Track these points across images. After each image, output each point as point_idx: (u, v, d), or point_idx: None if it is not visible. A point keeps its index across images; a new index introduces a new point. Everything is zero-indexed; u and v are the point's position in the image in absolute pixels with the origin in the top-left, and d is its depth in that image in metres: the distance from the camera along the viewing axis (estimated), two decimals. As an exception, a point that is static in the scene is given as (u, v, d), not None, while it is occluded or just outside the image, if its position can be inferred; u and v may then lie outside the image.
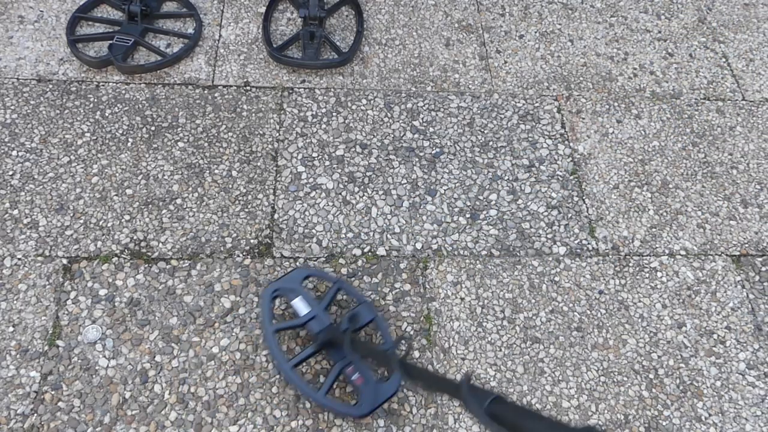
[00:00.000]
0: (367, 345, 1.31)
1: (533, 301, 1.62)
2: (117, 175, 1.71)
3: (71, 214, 1.63)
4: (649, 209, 1.82)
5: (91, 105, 1.83)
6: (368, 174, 1.79)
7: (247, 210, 1.69)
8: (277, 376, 1.45)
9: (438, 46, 2.11)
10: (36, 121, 1.78)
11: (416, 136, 1.88)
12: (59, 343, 1.45)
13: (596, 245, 1.74)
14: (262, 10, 2.12)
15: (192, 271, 1.58)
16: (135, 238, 1.61)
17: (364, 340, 1.48)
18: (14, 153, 1.72)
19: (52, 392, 1.39)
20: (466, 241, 1.70)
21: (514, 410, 0.77)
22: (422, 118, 1.92)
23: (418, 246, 1.68)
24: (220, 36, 2.04)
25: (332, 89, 1.95)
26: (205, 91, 1.90)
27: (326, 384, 1.38)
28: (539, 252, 1.71)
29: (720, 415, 1.50)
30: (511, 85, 2.04)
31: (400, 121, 1.91)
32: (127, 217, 1.64)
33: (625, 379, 1.53)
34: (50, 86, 1.85)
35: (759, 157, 1.97)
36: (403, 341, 1.32)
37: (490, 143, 1.89)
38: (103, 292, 1.52)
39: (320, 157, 1.81)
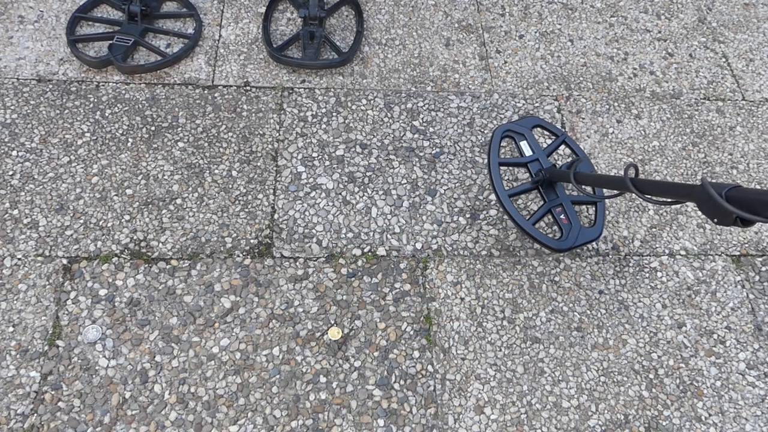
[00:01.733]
0: (595, 175, 1.41)
1: (533, 301, 1.62)
2: (117, 175, 1.71)
3: (71, 214, 1.63)
4: (649, 209, 1.82)
5: (91, 105, 1.83)
6: (368, 174, 1.79)
7: (247, 210, 1.69)
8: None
9: (438, 46, 2.11)
10: (36, 121, 1.78)
11: (416, 136, 1.88)
12: (59, 343, 1.45)
13: (596, 245, 1.73)
14: (262, 10, 2.12)
15: (192, 271, 1.58)
16: (135, 238, 1.61)
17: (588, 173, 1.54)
18: (14, 153, 1.72)
19: (52, 392, 1.39)
20: (466, 241, 1.70)
21: (752, 192, 0.82)
22: (422, 118, 1.92)
23: (418, 246, 1.68)
24: (220, 36, 2.04)
25: (332, 89, 1.95)
26: (205, 91, 1.90)
27: (536, 216, 1.55)
28: (539, 252, 1.71)
29: (720, 415, 1.50)
30: (511, 85, 2.04)
31: (400, 121, 1.91)
32: (127, 217, 1.64)
33: (625, 379, 1.53)
34: (50, 86, 1.85)
35: (759, 157, 1.96)
36: (631, 167, 1.37)
37: (490, 143, 1.89)
38: (103, 292, 1.52)
39: (320, 157, 1.81)
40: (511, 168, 1.73)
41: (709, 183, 0.89)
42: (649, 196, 1.07)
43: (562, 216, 1.55)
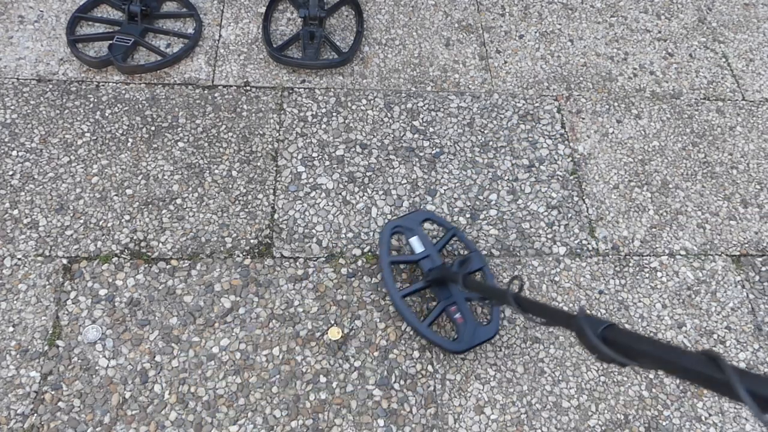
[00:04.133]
0: (481, 282, 1.37)
1: (533, 301, 1.62)
2: (117, 175, 1.71)
3: (71, 214, 1.63)
4: (649, 209, 1.82)
5: (91, 105, 1.83)
6: (368, 174, 1.79)
7: (247, 210, 1.69)
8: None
9: (438, 46, 2.11)
10: (36, 121, 1.78)
11: (416, 136, 1.88)
12: (59, 343, 1.45)
13: (596, 245, 1.74)
14: (262, 10, 2.12)
15: (192, 271, 1.58)
16: (135, 238, 1.61)
17: (477, 280, 1.51)
18: (14, 153, 1.72)
19: (52, 392, 1.39)
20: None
21: (628, 335, 0.78)
22: (422, 118, 1.92)
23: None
24: (220, 36, 2.04)
25: (332, 89, 1.95)
26: (205, 91, 1.90)
27: (430, 317, 1.49)
28: (539, 252, 1.71)
29: (720, 415, 1.50)
30: (511, 85, 2.04)
31: (400, 121, 1.91)
32: (127, 217, 1.64)
33: (625, 379, 1.53)
34: (50, 86, 1.85)
35: (759, 157, 1.96)
36: (515, 280, 1.35)
37: (490, 143, 1.89)
38: (103, 292, 1.52)
39: (320, 157, 1.81)
40: (403, 266, 1.62)
41: (585, 318, 0.83)
42: (529, 315, 0.99)
43: (456, 315, 1.48)
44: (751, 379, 0.59)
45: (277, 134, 1.84)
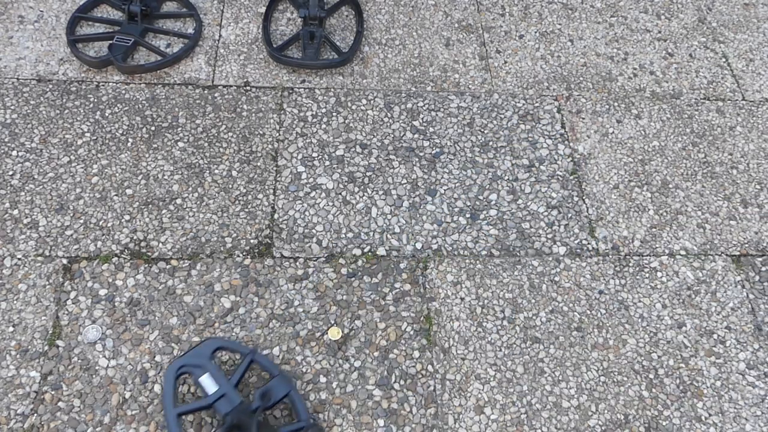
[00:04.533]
0: (274, 430, 1.26)
1: (533, 301, 1.62)
2: (117, 175, 1.71)
3: (71, 214, 1.63)
4: (649, 209, 1.82)
5: (91, 105, 1.83)
6: (368, 174, 1.79)
7: (247, 210, 1.69)
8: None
9: (438, 46, 2.11)
10: (36, 121, 1.78)
11: (416, 136, 1.89)
12: (59, 343, 1.45)
13: (596, 245, 1.74)
14: (262, 10, 2.12)
15: (192, 271, 1.58)
16: (135, 238, 1.61)
17: (272, 425, 1.35)
18: (14, 153, 1.72)
19: (52, 392, 1.39)
20: (466, 241, 1.70)
21: None
22: (422, 118, 1.92)
23: (418, 246, 1.68)
24: (220, 36, 2.04)
25: (332, 89, 1.95)
26: (205, 91, 1.90)
27: None
28: (539, 252, 1.71)
29: (720, 415, 1.50)
30: (511, 85, 2.04)
31: (400, 121, 1.91)
32: (127, 217, 1.64)
33: (625, 379, 1.53)
34: (50, 86, 1.85)
35: (759, 157, 1.97)
36: (311, 430, 1.28)
37: (490, 143, 1.89)
38: (103, 292, 1.52)
39: (320, 157, 1.81)
40: (195, 414, 1.38)
41: None
42: None
43: None
44: None
45: (277, 134, 1.84)
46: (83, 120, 1.80)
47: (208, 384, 1.33)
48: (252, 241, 1.64)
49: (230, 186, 1.73)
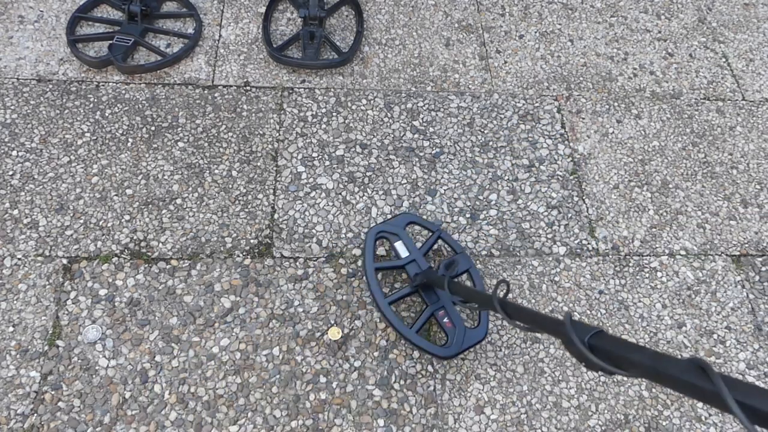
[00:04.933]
0: (466, 287, 1.33)
1: (533, 301, 1.62)
2: (117, 175, 1.71)
3: (71, 214, 1.63)
4: (649, 209, 1.82)
5: (91, 105, 1.83)
6: (368, 174, 1.79)
7: (247, 210, 1.69)
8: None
9: (438, 46, 2.11)
10: (36, 121, 1.78)
11: (416, 136, 1.88)
12: (59, 343, 1.45)
13: (596, 245, 1.74)
14: (262, 10, 2.12)
15: (192, 271, 1.58)
16: (135, 238, 1.61)
17: (463, 284, 1.44)
18: (14, 153, 1.72)
19: (52, 392, 1.39)
20: (466, 241, 1.70)
21: (616, 342, 0.75)
22: (422, 118, 1.92)
23: (418, 246, 1.68)
24: (220, 36, 2.04)
25: (332, 89, 1.95)
26: (205, 91, 1.90)
27: (418, 323, 1.45)
28: (539, 252, 1.71)
29: (720, 415, 1.50)
30: (511, 85, 2.04)
31: (400, 121, 1.91)
32: (127, 217, 1.64)
33: (625, 379, 1.53)
34: (50, 86, 1.85)
35: (759, 157, 1.96)
36: (502, 284, 1.31)
37: (490, 143, 1.89)
38: (103, 292, 1.52)
39: (320, 157, 1.81)
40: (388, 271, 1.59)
41: (572, 324, 0.80)
42: (515, 321, 0.97)
43: (445, 319, 1.46)
44: (740, 390, 0.58)
45: (277, 134, 1.84)
46: (83, 120, 1.80)
47: (402, 249, 1.53)
48: (252, 241, 1.64)
49: (230, 186, 1.73)
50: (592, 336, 0.77)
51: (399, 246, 1.54)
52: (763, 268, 1.74)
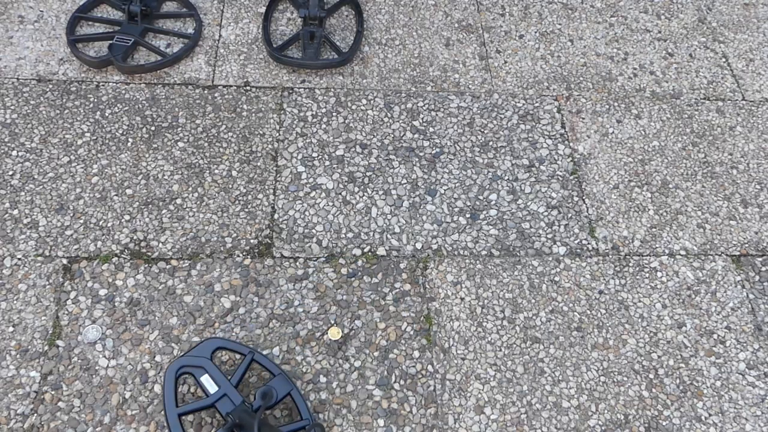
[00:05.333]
0: (274, 429, 1.26)
1: (533, 301, 1.62)
2: (117, 175, 1.71)
3: (71, 214, 1.63)
4: (649, 209, 1.82)
5: (91, 105, 1.83)
6: (368, 174, 1.79)
7: (247, 210, 1.69)
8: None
9: (438, 46, 2.11)
10: (36, 121, 1.78)
11: (416, 136, 1.89)
12: (59, 343, 1.45)
13: (596, 245, 1.74)
14: (262, 10, 2.12)
15: (192, 271, 1.58)
16: (135, 238, 1.61)
17: (274, 425, 1.33)
18: (14, 153, 1.72)
19: (52, 392, 1.39)
20: (466, 241, 1.70)
21: None
22: (422, 118, 1.92)
23: (418, 246, 1.68)
24: (220, 36, 2.04)
25: (332, 89, 1.95)
26: (205, 91, 1.90)
27: None
28: (539, 252, 1.71)
29: (720, 415, 1.50)
30: (511, 85, 2.04)
31: (400, 121, 1.91)
32: (127, 217, 1.64)
33: (625, 379, 1.53)
34: (50, 86, 1.85)
35: (759, 157, 1.97)
36: (316, 428, 1.28)
37: (490, 143, 1.89)
38: (103, 292, 1.52)
39: (320, 157, 1.81)
40: (196, 414, 1.38)
41: None
42: None
43: None
44: None
45: (277, 134, 1.84)
46: (83, 120, 1.80)
47: (209, 384, 1.32)
48: (252, 241, 1.64)
49: (230, 186, 1.73)
50: None
51: (205, 380, 1.33)
52: (763, 268, 1.74)
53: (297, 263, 1.62)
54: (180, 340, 1.48)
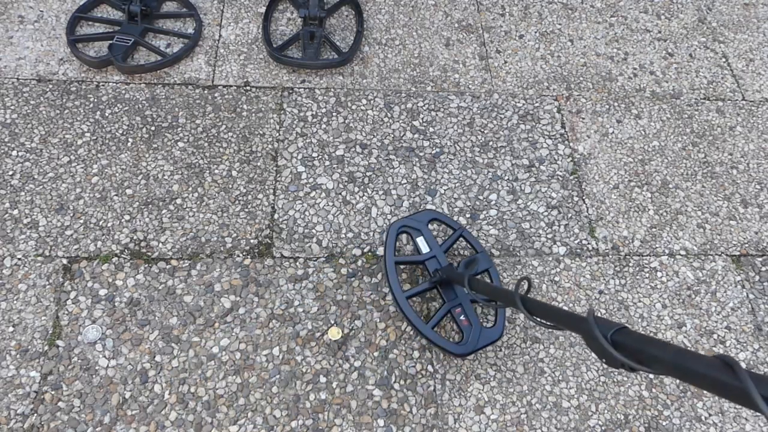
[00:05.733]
0: (487, 284, 1.32)
1: (533, 301, 1.62)
2: (117, 175, 1.71)
3: (71, 214, 1.63)
4: (649, 209, 1.82)
5: (91, 105, 1.83)
6: (368, 174, 1.79)
7: (247, 210, 1.69)
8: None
9: (438, 46, 2.11)
10: (36, 121, 1.78)
11: (416, 136, 1.88)
12: (59, 343, 1.45)
13: (596, 245, 1.74)
14: (262, 10, 2.12)
15: (192, 271, 1.58)
16: (135, 238, 1.61)
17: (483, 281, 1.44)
18: (14, 153, 1.72)
19: (52, 392, 1.39)
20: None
21: (639, 339, 0.73)
22: (422, 118, 1.92)
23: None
24: (220, 36, 2.04)
25: (332, 89, 1.95)
26: (205, 91, 1.90)
27: (434, 319, 1.46)
28: (539, 252, 1.71)
29: (720, 415, 1.50)
30: (511, 85, 2.04)
31: (400, 121, 1.91)
32: (127, 217, 1.64)
33: (625, 379, 1.53)
34: (50, 86, 1.85)
35: (759, 157, 1.96)
36: (523, 282, 1.31)
37: (490, 143, 1.89)
38: (103, 292, 1.52)
39: (320, 157, 1.81)
40: (408, 266, 1.61)
41: (595, 320, 0.78)
42: (537, 318, 0.96)
43: (462, 317, 1.46)
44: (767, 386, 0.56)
45: (277, 134, 1.84)
46: (83, 120, 1.80)
47: (423, 245, 1.55)
48: (252, 241, 1.64)
49: (230, 186, 1.73)
50: (615, 332, 0.76)
51: (420, 241, 1.55)
52: (763, 268, 1.74)
53: (297, 263, 1.62)
54: (180, 340, 1.48)
